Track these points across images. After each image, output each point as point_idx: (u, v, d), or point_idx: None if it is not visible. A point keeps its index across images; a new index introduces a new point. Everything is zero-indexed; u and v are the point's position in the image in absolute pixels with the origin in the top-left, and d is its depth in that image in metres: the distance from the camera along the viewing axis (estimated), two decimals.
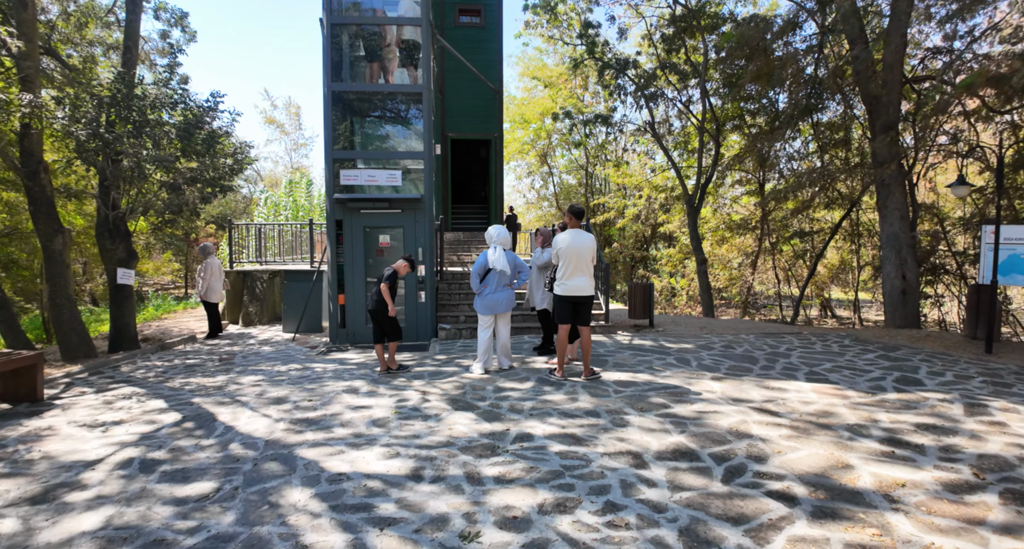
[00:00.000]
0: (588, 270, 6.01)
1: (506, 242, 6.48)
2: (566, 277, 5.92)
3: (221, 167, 9.39)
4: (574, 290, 5.91)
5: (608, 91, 14.30)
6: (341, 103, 9.13)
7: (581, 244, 5.90)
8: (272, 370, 7.28)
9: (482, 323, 6.52)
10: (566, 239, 5.92)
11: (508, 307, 6.47)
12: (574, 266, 5.89)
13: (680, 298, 21.41)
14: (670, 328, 10.00)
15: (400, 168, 9.18)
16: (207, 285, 10.21)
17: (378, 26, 9.29)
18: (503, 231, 6.49)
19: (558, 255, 5.97)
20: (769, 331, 9.77)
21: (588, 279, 6.00)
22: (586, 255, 5.95)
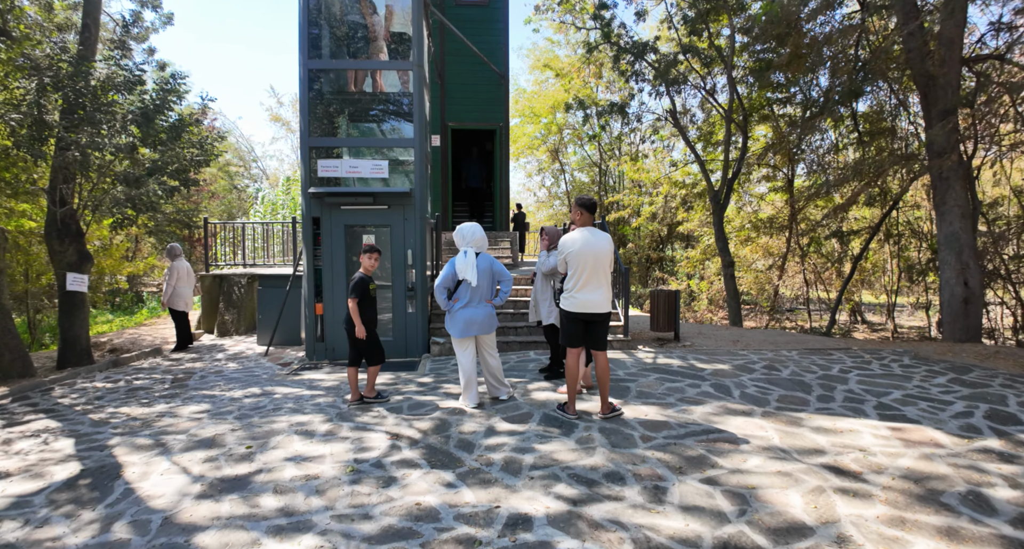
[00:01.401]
0: (605, 279, 4.75)
1: (480, 244, 5.19)
2: (577, 289, 4.65)
3: (182, 157, 8.24)
4: (587, 305, 4.65)
5: (624, 78, 13.02)
6: (319, 83, 7.94)
7: (596, 246, 4.64)
8: (224, 397, 6.10)
9: (458, 347, 5.22)
10: (576, 240, 4.65)
11: (487, 327, 5.16)
12: (588, 275, 4.63)
13: (700, 302, 20.02)
14: (698, 342, 8.69)
15: (387, 158, 7.96)
16: (172, 290, 9.08)
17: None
18: (476, 230, 5.19)
19: (566, 261, 4.72)
20: (812, 346, 8.44)
21: (605, 291, 4.74)
22: (603, 260, 4.69)
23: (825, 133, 13.09)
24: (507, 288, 5.18)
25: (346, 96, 8.15)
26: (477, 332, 5.09)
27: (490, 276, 5.15)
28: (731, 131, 13.45)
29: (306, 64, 7.73)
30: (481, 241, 5.15)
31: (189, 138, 8.88)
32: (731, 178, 13.14)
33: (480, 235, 5.15)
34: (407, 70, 7.77)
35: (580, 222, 4.76)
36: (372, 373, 5.60)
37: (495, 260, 5.21)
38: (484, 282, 5.11)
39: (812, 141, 12.58)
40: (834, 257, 18.42)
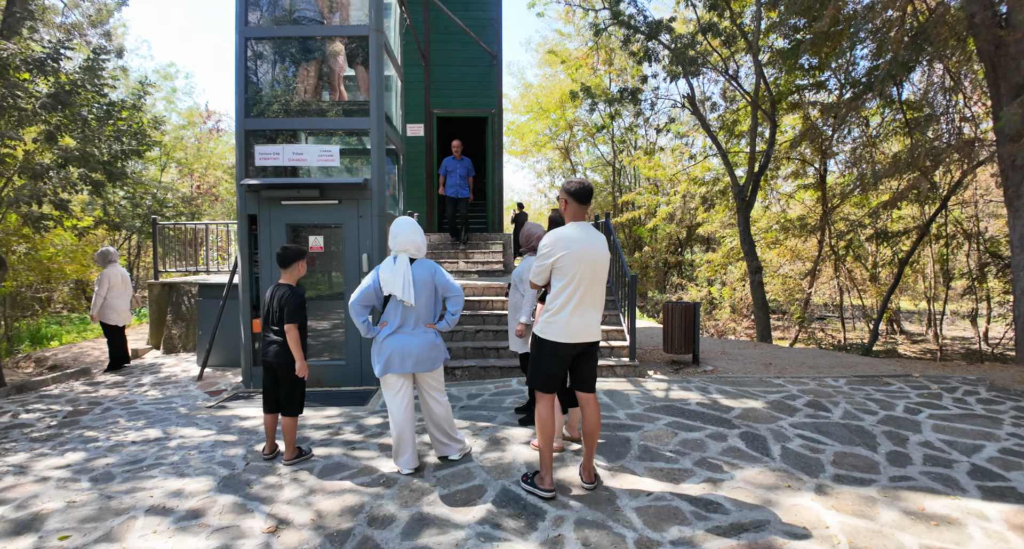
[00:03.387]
0: (600, 297, 3.30)
1: (415, 247, 3.72)
2: (563, 309, 3.20)
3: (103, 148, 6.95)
4: (576, 333, 3.20)
5: (636, 60, 11.54)
6: (258, 55, 6.60)
7: (592, 249, 3.20)
8: (108, 442, 4.74)
9: (386, 389, 3.75)
10: (563, 240, 3.20)
11: (428, 362, 3.68)
12: (584, 290, 3.18)
13: (722, 311, 18.36)
14: (722, 364, 7.16)
15: (343, 144, 6.59)
16: (102, 302, 7.78)
17: None
18: (410, 229, 3.72)
19: (553, 268, 3.26)
20: (861, 371, 6.86)
21: (598, 312, 3.30)
22: (602, 270, 3.26)
23: (864, 122, 11.45)
24: (456, 306, 3.71)
25: (293, 70, 6.80)
26: (412, 369, 3.64)
27: (430, 290, 3.71)
28: (757, 120, 11.87)
29: (243, 32, 6.41)
30: (414, 245, 3.70)
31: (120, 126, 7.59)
32: (758, 172, 11.56)
33: (414, 235, 3.70)
34: (363, 35, 6.39)
35: (568, 215, 3.30)
36: (290, 427, 4.17)
37: (439, 269, 3.77)
38: (422, 299, 3.67)
39: (851, 129, 10.96)
40: (872, 261, 16.67)
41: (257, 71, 6.66)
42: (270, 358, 4.13)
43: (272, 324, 4.13)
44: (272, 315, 4.13)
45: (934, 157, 8.55)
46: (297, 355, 4.04)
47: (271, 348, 4.13)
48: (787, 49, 11.41)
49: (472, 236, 10.26)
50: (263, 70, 6.73)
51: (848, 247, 13.82)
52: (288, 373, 4.09)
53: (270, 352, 4.13)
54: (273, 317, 4.12)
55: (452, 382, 6.29)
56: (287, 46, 6.73)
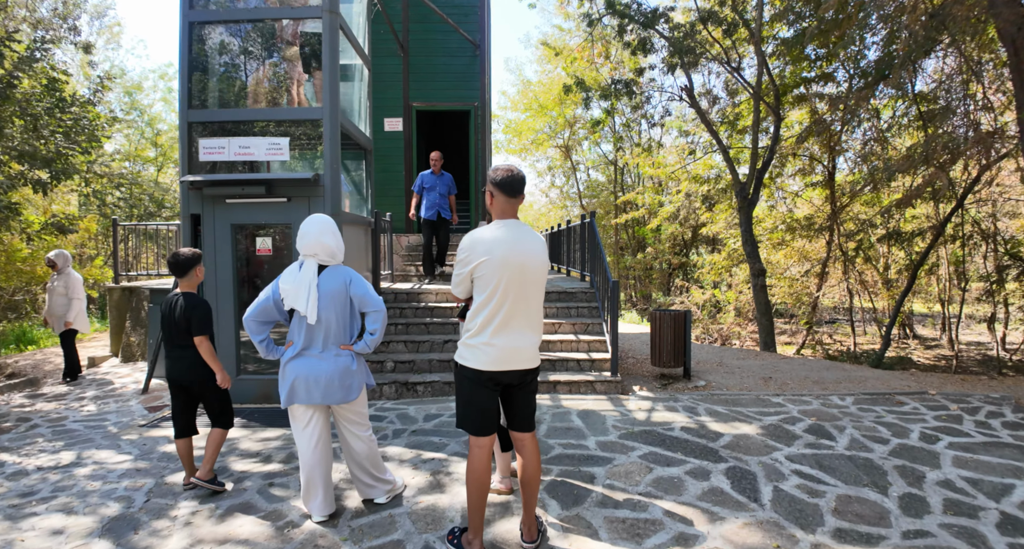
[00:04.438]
0: (535, 313, 2.66)
1: (326, 251, 3.06)
2: (485, 329, 2.56)
3: (51, 146, 6.41)
4: (503, 359, 2.56)
5: (631, 51, 10.88)
6: (204, 41, 6.02)
7: (522, 254, 2.55)
8: (11, 468, 4.17)
9: (293, 422, 3.13)
10: (483, 243, 2.56)
11: (339, 392, 3.02)
12: (511, 303, 2.55)
13: (726, 315, 17.62)
14: (716, 379, 6.49)
15: (293, 136, 6.00)
16: (81, 306, 7.32)
17: None
18: (321, 228, 3.05)
19: (472, 277, 2.63)
20: (871, 388, 6.18)
21: (534, 333, 2.66)
22: (533, 279, 2.60)
23: (875, 114, 10.72)
24: (377, 324, 3.08)
25: (242, 58, 6.22)
26: (320, 400, 3.02)
27: (343, 304, 3.09)
28: (760, 113, 11.18)
29: (187, 15, 5.85)
30: (325, 245, 3.07)
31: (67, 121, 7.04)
32: (761, 169, 10.87)
33: (325, 236, 3.05)
34: (315, 18, 5.79)
35: (497, 210, 2.67)
36: (219, 442, 3.65)
37: (356, 277, 3.14)
38: (332, 315, 3.04)
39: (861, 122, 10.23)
40: (884, 263, 15.88)
41: (204, 59, 6.09)
42: (183, 377, 3.59)
43: (177, 339, 3.57)
44: (176, 329, 3.56)
45: (952, 150, 7.84)
46: (216, 366, 3.55)
47: (182, 365, 3.59)
48: (791, 38, 10.72)
49: (455, 236, 9.65)
50: (210, 58, 6.15)
51: (859, 248, 13.06)
52: (209, 388, 3.61)
53: (181, 370, 3.59)
54: (178, 331, 3.56)
55: (413, 400, 5.68)
56: (235, 31, 6.15)
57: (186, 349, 3.56)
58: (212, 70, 6.15)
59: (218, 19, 5.99)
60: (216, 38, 6.13)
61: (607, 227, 23.79)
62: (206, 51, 6.08)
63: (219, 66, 6.19)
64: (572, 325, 6.61)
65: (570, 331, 6.60)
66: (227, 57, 6.19)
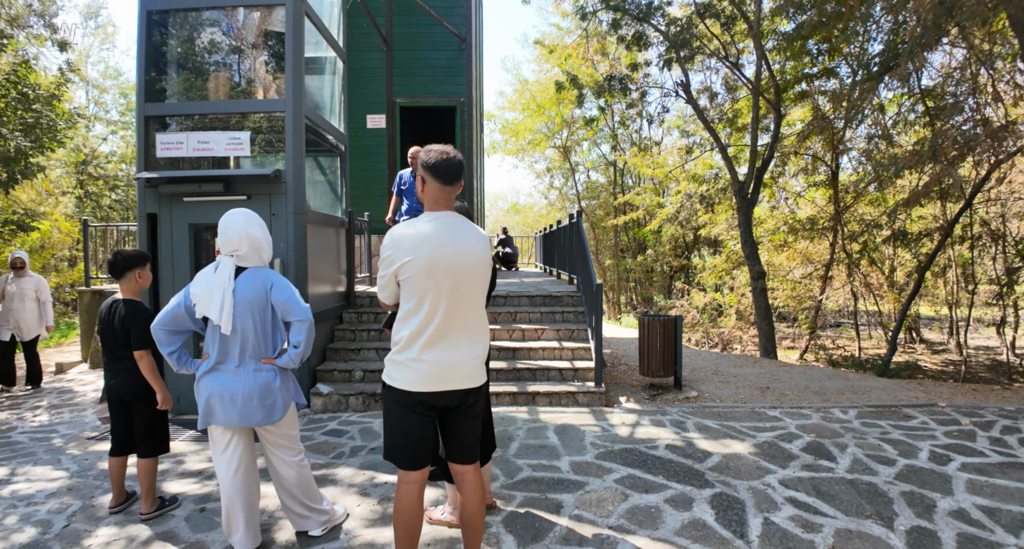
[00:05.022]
0: (476, 321, 2.26)
1: (249, 248, 2.67)
2: (415, 342, 2.16)
3: (11, 144, 6.07)
4: (437, 377, 2.16)
5: (625, 46, 10.48)
6: (163, 30, 5.67)
7: (456, 253, 2.16)
8: None
9: (212, 444, 2.75)
10: (408, 239, 2.16)
11: (257, 413, 2.64)
12: (443, 314, 2.15)
13: (727, 319, 17.18)
14: (710, 389, 6.08)
15: (253, 130, 5.63)
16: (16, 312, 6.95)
17: None
18: (243, 223, 2.66)
19: (397, 279, 2.21)
20: (876, 400, 5.77)
21: (476, 345, 2.25)
22: (471, 282, 2.21)
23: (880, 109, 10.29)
24: (301, 336, 2.69)
25: (203, 48, 5.86)
26: (238, 421, 2.63)
27: (263, 312, 2.70)
28: (760, 109, 10.76)
29: (145, 3, 5.49)
30: (253, 237, 2.66)
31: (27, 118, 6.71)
32: (761, 167, 10.45)
33: (247, 230, 2.66)
34: (278, 4, 5.43)
35: (429, 200, 2.26)
36: (149, 472, 3.26)
37: (279, 280, 2.75)
38: (251, 324, 2.66)
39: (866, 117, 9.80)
40: (889, 265, 15.42)
41: (163, 49, 5.73)
42: (119, 391, 3.24)
43: (116, 350, 3.21)
44: (114, 339, 3.21)
45: (961, 145, 7.41)
46: (157, 385, 3.17)
47: (119, 379, 3.23)
48: (793, 31, 10.32)
49: None
50: (170, 48, 5.79)
51: (864, 250, 12.61)
52: (145, 407, 3.24)
53: (117, 384, 3.23)
54: (116, 341, 3.20)
55: (380, 412, 5.29)
56: (196, 19, 5.79)
57: (125, 361, 3.21)
58: (172, 61, 5.79)
59: (178, 7, 5.62)
60: (176, 28, 5.77)
61: (606, 229, 23.39)
62: (166, 41, 5.73)
63: (179, 57, 5.83)
64: (556, 331, 6.21)
65: (554, 338, 6.20)
66: (188, 47, 5.83)
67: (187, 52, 5.85)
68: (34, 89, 7.14)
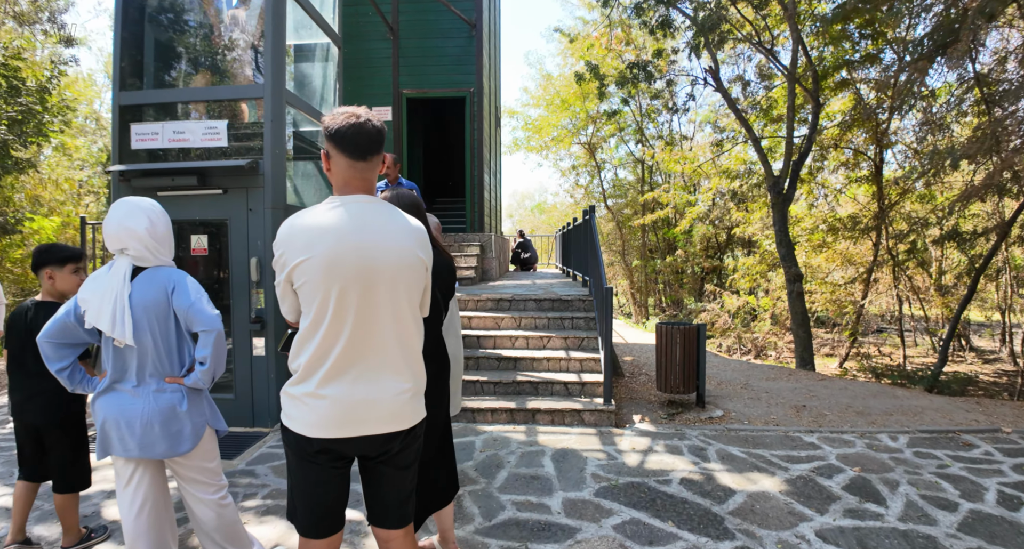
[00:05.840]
0: (406, 340, 1.67)
1: (137, 241, 2.16)
2: (316, 370, 1.59)
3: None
4: (349, 418, 1.58)
5: (649, 30, 9.80)
6: (141, 15, 5.27)
7: (371, 248, 1.58)
8: None
9: (116, 477, 2.25)
10: (304, 233, 1.59)
11: (161, 442, 2.15)
12: (351, 330, 1.57)
13: (762, 323, 16.27)
14: (737, 407, 5.40)
15: (227, 118, 5.19)
16: None
17: None
18: (127, 212, 2.17)
19: (292, 285, 1.63)
20: (930, 421, 5.02)
21: (400, 376, 1.65)
22: (391, 287, 1.61)
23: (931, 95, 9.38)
24: (207, 350, 2.16)
25: (181, 34, 5.45)
26: (138, 452, 2.14)
27: (166, 320, 2.20)
28: (795, 97, 9.94)
29: None
30: (132, 231, 2.15)
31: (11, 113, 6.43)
32: (797, 161, 9.66)
33: (132, 218, 2.16)
34: None
35: (338, 180, 1.68)
36: (71, 507, 2.81)
37: (184, 281, 2.23)
38: (149, 335, 2.17)
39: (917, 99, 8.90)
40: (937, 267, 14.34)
41: (140, 35, 5.34)
42: (30, 418, 2.75)
43: (32, 365, 2.67)
44: (23, 349, 2.73)
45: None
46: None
47: (34, 402, 2.73)
48: (832, 14, 9.50)
49: (446, 237, 8.76)
50: (148, 34, 5.40)
51: (911, 251, 11.64)
52: (64, 437, 2.73)
53: (30, 409, 2.74)
54: (26, 352, 2.71)
55: None
56: (174, 4, 5.38)
57: (38, 379, 2.63)
58: (149, 48, 5.39)
59: None
60: (155, 12, 5.38)
61: (634, 229, 22.60)
62: (143, 27, 5.34)
63: (157, 44, 5.43)
64: (564, 339, 5.62)
65: (561, 347, 5.61)
66: (166, 33, 5.44)
67: (165, 38, 5.45)
68: (23, 82, 6.89)
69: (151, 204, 2.28)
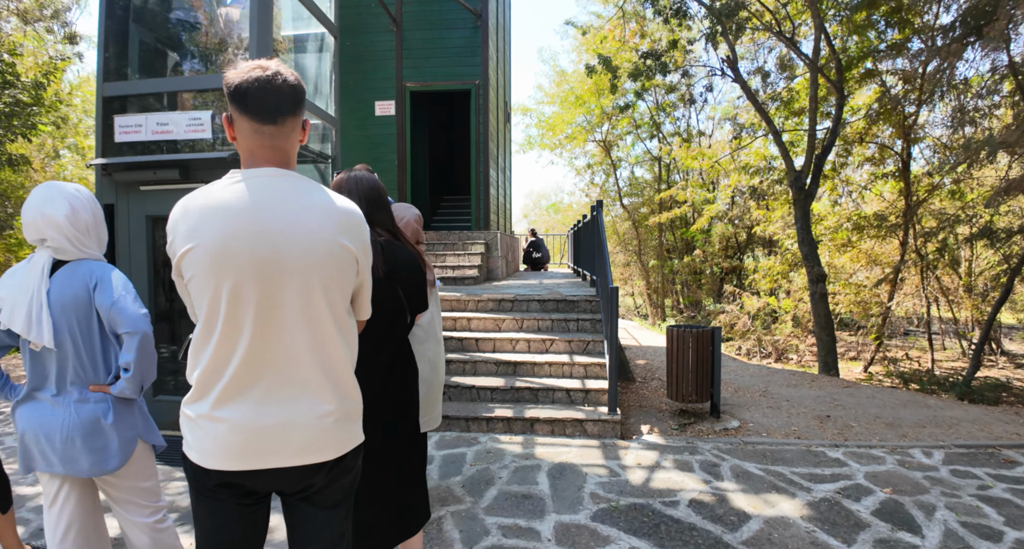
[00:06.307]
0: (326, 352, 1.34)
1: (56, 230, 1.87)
2: (212, 386, 1.28)
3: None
4: (253, 447, 1.27)
5: (663, 18, 9.40)
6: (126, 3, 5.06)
7: (279, 233, 1.27)
8: None
9: (44, 491, 1.99)
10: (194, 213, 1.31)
11: (84, 458, 1.87)
12: (250, 337, 1.26)
13: (783, 326, 15.73)
14: (756, 417, 5.02)
15: (212, 108, 4.96)
16: None
17: None
18: (44, 197, 1.89)
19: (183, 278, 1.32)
20: (966, 434, 4.60)
21: (319, 395, 1.32)
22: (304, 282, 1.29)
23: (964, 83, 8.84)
24: (131, 354, 1.88)
25: (167, 22, 5.23)
26: (61, 468, 1.90)
27: (89, 320, 1.92)
28: (819, 88, 9.47)
29: None
30: (51, 219, 1.87)
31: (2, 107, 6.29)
32: (820, 155, 9.19)
33: (51, 204, 1.88)
34: None
35: (243, 150, 1.37)
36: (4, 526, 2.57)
37: (108, 275, 1.95)
38: (69, 337, 1.90)
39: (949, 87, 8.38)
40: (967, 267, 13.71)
41: (125, 24, 5.13)
42: None
43: None
44: None
45: None
46: None
47: None
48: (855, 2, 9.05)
49: (451, 235, 8.46)
50: (132, 23, 5.18)
51: (942, 250, 11.08)
52: None
53: None
54: None
55: None
56: None
57: None
58: (134, 38, 5.18)
59: None
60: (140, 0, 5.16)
61: (651, 228, 22.14)
62: (128, 16, 5.12)
63: (142, 33, 5.22)
64: (568, 343, 5.28)
65: (565, 350, 5.28)
66: (151, 21, 5.21)
67: (150, 27, 5.23)
68: (18, 77, 6.75)
69: (75, 188, 2.02)
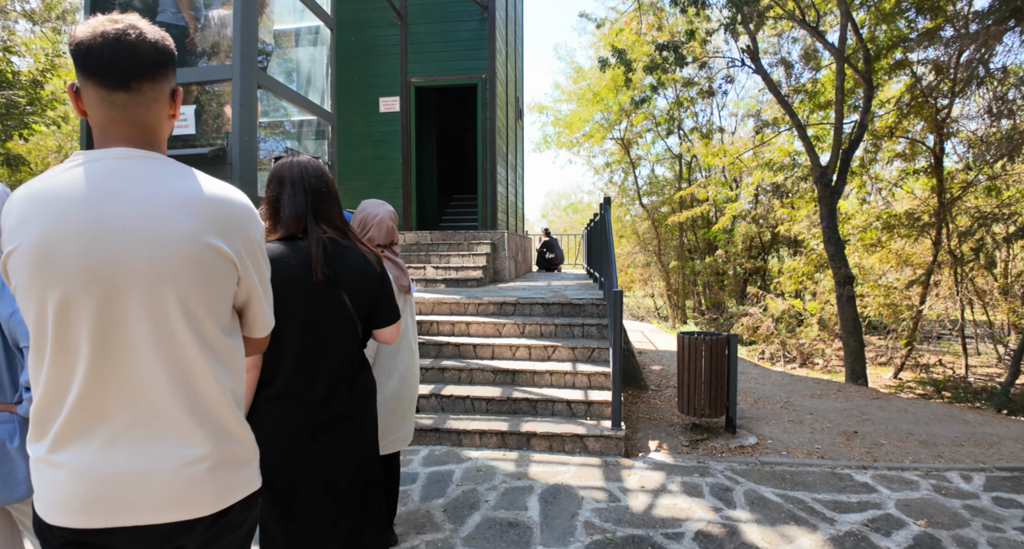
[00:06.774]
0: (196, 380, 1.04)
1: None
2: (50, 423, 0.99)
3: None
4: (104, 502, 0.97)
5: (680, 7, 8.97)
6: None
7: (120, 231, 0.97)
8: None
9: None
10: (28, 203, 0.98)
11: None
12: (89, 362, 0.97)
13: (809, 329, 15.14)
14: (775, 432, 4.62)
15: (199, 103, 4.72)
16: None
17: None
18: None
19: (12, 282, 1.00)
20: (1009, 454, 4.16)
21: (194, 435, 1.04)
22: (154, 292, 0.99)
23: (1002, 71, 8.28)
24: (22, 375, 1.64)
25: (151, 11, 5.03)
26: None
27: None
28: (845, 78, 8.96)
29: None
30: None
31: None
32: (848, 149, 8.68)
33: None
34: None
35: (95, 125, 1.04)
36: None
37: None
38: None
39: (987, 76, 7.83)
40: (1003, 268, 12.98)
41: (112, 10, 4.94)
42: None
43: None
44: None
45: None
46: None
47: None
48: None
49: (456, 235, 8.16)
50: (121, 9, 5.00)
51: (978, 250, 10.46)
52: None
53: None
54: None
55: None
56: None
57: None
58: None
59: None
60: None
61: (671, 228, 21.60)
62: (113, 5, 4.93)
63: None
64: (571, 350, 4.95)
65: (568, 358, 4.94)
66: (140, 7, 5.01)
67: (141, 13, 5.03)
68: (15, 75, 6.63)
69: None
